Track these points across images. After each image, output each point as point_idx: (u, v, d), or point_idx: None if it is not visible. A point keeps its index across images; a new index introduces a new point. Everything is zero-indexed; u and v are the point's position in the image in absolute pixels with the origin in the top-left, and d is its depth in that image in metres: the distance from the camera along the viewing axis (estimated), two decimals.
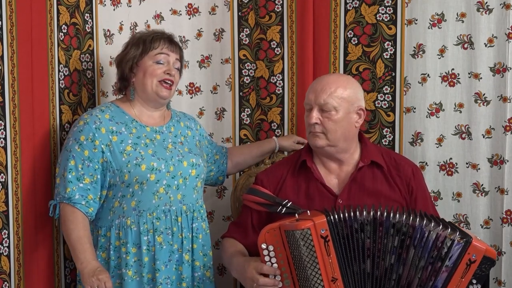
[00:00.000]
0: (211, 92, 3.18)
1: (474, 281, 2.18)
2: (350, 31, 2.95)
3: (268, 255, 2.29)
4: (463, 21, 2.82)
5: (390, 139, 2.94)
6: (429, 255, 2.19)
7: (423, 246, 2.19)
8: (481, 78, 2.81)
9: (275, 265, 2.29)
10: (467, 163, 2.86)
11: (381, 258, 2.23)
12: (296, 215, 2.34)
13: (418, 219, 2.22)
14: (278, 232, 2.27)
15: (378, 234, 2.23)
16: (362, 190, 2.48)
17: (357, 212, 2.24)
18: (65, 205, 2.39)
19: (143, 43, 2.54)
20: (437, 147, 2.89)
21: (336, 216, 2.24)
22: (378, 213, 2.23)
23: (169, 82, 2.54)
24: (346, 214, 2.24)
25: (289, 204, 2.42)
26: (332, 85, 2.47)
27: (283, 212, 2.41)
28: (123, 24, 2.95)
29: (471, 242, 2.15)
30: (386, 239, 2.22)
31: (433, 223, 2.21)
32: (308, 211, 2.34)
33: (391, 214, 2.23)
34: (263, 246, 2.29)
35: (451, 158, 2.88)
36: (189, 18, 3.15)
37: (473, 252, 2.16)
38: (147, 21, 3.07)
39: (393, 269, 2.22)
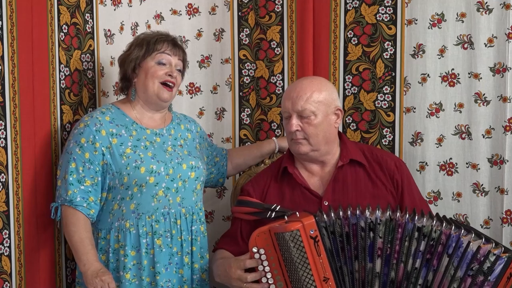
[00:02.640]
0: (211, 92, 3.18)
1: None
2: (350, 31, 2.95)
3: (260, 258, 2.30)
4: (463, 21, 2.82)
5: (390, 139, 2.94)
6: (468, 267, 2.19)
7: (460, 256, 2.19)
8: (481, 78, 2.81)
9: (267, 268, 2.29)
10: (467, 163, 2.86)
11: (401, 260, 2.22)
12: (286, 217, 2.34)
13: (453, 227, 2.21)
14: (268, 235, 2.28)
15: (396, 236, 2.22)
16: (346, 189, 2.48)
17: (367, 212, 2.24)
18: (66, 207, 2.40)
19: (147, 44, 2.54)
20: (437, 147, 2.90)
21: (333, 215, 2.24)
22: (397, 214, 2.23)
23: (170, 84, 2.54)
24: (349, 212, 2.24)
25: (278, 208, 2.43)
26: (307, 90, 2.47)
27: (272, 216, 2.42)
28: (124, 24, 2.96)
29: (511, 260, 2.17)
30: (408, 242, 2.22)
31: (473, 234, 2.20)
32: (297, 213, 2.35)
33: (416, 217, 2.23)
34: (254, 249, 2.30)
35: (451, 158, 2.88)
36: (189, 18, 3.15)
37: None
38: (147, 21, 3.07)
39: (419, 273, 2.21)
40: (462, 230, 2.21)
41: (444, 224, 2.22)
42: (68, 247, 2.64)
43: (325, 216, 2.24)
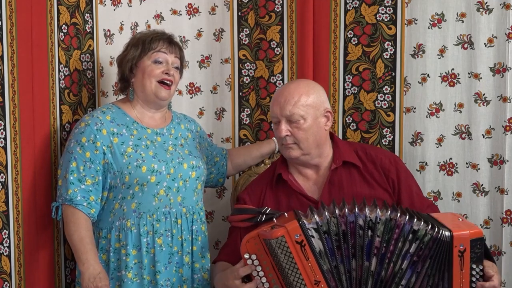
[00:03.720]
0: (211, 92, 3.18)
1: (474, 266, 2.19)
2: (350, 31, 2.95)
3: (253, 264, 2.27)
4: (463, 21, 2.82)
5: (390, 139, 2.94)
6: (440, 262, 2.19)
7: (436, 255, 2.19)
8: (481, 78, 2.81)
9: (261, 273, 2.27)
10: (467, 163, 2.86)
11: (392, 260, 2.20)
12: (274, 219, 2.33)
13: (437, 229, 2.19)
14: (258, 240, 2.26)
15: (392, 236, 2.20)
16: (342, 192, 2.46)
17: (366, 209, 2.22)
18: (67, 206, 2.39)
19: (142, 43, 2.54)
20: (437, 147, 2.89)
21: (327, 214, 2.21)
22: (397, 214, 2.21)
23: (168, 82, 2.54)
24: (346, 210, 2.22)
25: (268, 211, 2.42)
26: (294, 94, 2.45)
27: (263, 220, 2.41)
28: (123, 24, 2.95)
29: (453, 236, 2.16)
30: (402, 243, 2.20)
31: (441, 230, 2.19)
32: (286, 214, 2.34)
33: (414, 219, 2.21)
34: (246, 256, 2.28)
35: (451, 158, 2.88)
36: (189, 18, 3.15)
37: (459, 243, 2.16)
38: (147, 21, 3.07)
39: (404, 275, 2.20)
40: (441, 231, 2.20)
41: (435, 229, 2.19)
42: (67, 247, 2.64)
43: (316, 216, 2.21)
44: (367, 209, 2.22)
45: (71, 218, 2.39)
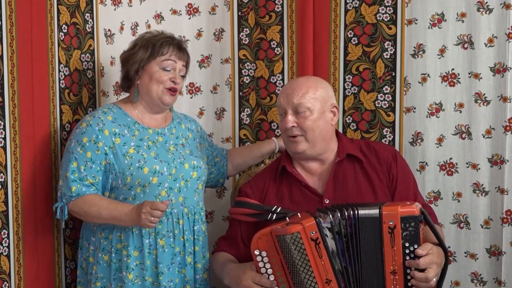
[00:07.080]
0: (211, 92, 3.18)
1: (407, 244, 2.17)
2: (350, 31, 2.95)
3: (262, 260, 2.28)
4: (463, 21, 2.82)
5: (390, 139, 2.94)
6: (372, 238, 2.21)
7: (367, 232, 2.21)
8: (481, 78, 2.80)
9: (270, 270, 2.27)
10: (467, 163, 2.85)
11: (375, 258, 2.22)
12: (287, 218, 2.33)
13: (362, 208, 2.23)
14: (270, 237, 2.26)
15: (372, 233, 2.21)
16: (346, 186, 2.47)
17: (361, 211, 2.22)
18: (75, 201, 2.40)
19: (152, 47, 2.52)
20: (437, 147, 2.89)
21: (339, 215, 2.22)
22: (376, 211, 2.21)
23: (173, 89, 2.54)
24: (351, 212, 2.23)
25: (278, 210, 2.42)
26: (302, 86, 2.47)
27: (274, 218, 2.40)
28: (124, 24, 2.96)
29: (382, 213, 2.17)
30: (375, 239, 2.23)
31: (361, 208, 2.23)
32: (299, 214, 2.33)
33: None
34: (256, 252, 2.28)
35: (451, 158, 2.88)
36: (189, 18, 3.16)
37: (388, 219, 2.16)
38: (147, 21, 3.07)
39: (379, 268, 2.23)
40: (360, 210, 2.23)
41: (359, 209, 2.23)
42: (67, 247, 2.65)
43: (330, 216, 2.22)
44: (361, 210, 2.23)
45: (86, 206, 2.39)
